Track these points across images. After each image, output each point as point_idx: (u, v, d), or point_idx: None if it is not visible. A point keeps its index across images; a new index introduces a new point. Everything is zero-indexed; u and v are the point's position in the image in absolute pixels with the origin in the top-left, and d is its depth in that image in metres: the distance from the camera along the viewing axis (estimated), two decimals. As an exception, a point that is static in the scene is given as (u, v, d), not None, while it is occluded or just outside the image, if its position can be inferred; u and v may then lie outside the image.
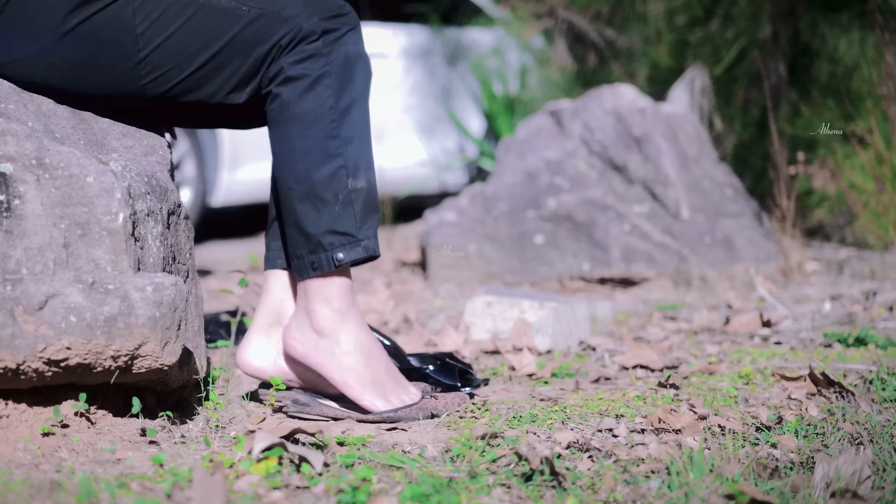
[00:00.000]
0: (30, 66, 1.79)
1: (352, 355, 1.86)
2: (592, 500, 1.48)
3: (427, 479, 1.50)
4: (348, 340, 1.86)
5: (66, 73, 1.79)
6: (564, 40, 5.51)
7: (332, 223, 1.82)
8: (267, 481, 1.49)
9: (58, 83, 1.80)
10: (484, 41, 6.37)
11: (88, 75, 1.80)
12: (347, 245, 1.83)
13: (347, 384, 1.85)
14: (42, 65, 1.78)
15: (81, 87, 1.81)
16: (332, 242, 1.83)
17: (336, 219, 1.82)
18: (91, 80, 1.80)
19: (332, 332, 1.86)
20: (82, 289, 1.61)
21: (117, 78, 1.80)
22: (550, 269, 3.57)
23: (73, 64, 1.78)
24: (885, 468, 1.62)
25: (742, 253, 3.58)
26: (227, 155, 5.06)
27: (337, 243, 1.83)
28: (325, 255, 1.83)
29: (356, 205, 1.83)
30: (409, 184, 5.85)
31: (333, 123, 1.81)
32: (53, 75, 1.79)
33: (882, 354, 2.32)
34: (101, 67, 1.79)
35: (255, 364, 1.95)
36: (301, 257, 1.85)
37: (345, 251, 1.83)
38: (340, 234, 1.82)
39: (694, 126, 3.89)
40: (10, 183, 1.62)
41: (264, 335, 1.96)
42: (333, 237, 1.82)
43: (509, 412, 1.92)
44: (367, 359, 1.87)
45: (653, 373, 2.27)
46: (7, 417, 1.67)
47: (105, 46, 1.77)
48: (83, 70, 1.79)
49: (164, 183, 1.83)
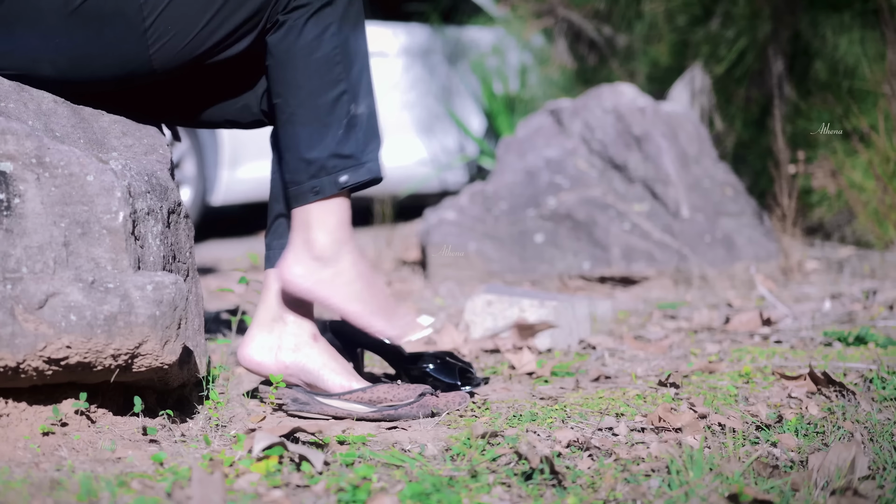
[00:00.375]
0: (37, 52, 1.79)
1: (356, 283, 1.88)
2: (592, 498, 1.48)
3: (427, 477, 1.50)
4: (351, 269, 1.88)
5: (72, 56, 1.79)
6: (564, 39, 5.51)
7: (335, 146, 1.83)
8: (267, 480, 1.49)
9: (65, 68, 1.80)
10: (484, 40, 6.37)
11: (95, 54, 1.79)
12: (351, 168, 1.84)
13: (357, 313, 1.89)
14: (49, 48, 1.78)
15: (88, 71, 1.81)
16: (336, 165, 1.84)
17: (340, 142, 1.83)
18: (98, 59, 1.80)
19: (334, 262, 1.87)
20: (82, 287, 1.61)
21: (124, 53, 1.80)
22: (551, 268, 3.57)
23: (79, 45, 1.78)
24: (884, 467, 1.62)
25: (742, 252, 3.58)
26: (227, 154, 5.06)
27: (340, 166, 1.84)
28: (327, 178, 1.84)
29: (358, 129, 1.84)
30: (409, 183, 5.85)
31: (336, 50, 1.83)
32: (60, 60, 1.79)
33: (882, 353, 2.32)
34: (107, 44, 1.78)
35: (256, 359, 1.95)
36: (300, 183, 1.85)
37: (349, 173, 1.84)
38: (344, 157, 1.83)
39: (694, 125, 3.89)
40: (10, 181, 1.62)
41: (266, 331, 1.96)
42: (337, 160, 1.83)
43: (509, 411, 1.92)
44: (370, 286, 1.90)
45: (653, 371, 2.27)
46: (7, 416, 1.67)
47: (110, 20, 1.77)
48: (89, 49, 1.78)
49: (164, 181, 1.83)
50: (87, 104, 1.87)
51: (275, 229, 1.98)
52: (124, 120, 1.88)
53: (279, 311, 1.96)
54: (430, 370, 2.08)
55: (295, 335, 1.95)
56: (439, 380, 2.07)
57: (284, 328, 1.95)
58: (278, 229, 1.98)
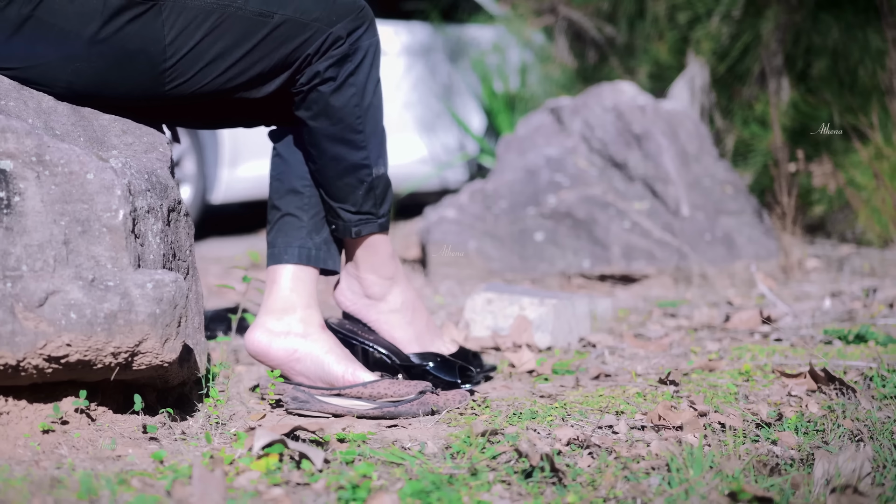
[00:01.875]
0: (55, 71, 1.80)
1: (398, 313, 2.11)
2: (593, 496, 1.48)
3: (427, 475, 1.50)
4: (395, 300, 2.11)
5: (89, 80, 1.82)
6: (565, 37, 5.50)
7: (359, 204, 2.02)
8: (267, 478, 1.49)
9: (79, 88, 1.82)
10: (484, 38, 6.36)
11: (113, 81, 1.83)
12: (366, 222, 2.04)
13: (395, 339, 2.11)
14: (67, 70, 1.80)
15: (104, 92, 1.84)
16: (357, 219, 2.03)
17: (360, 201, 2.01)
18: (115, 85, 1.83)
19: (381, 297, 2.10)
20: (82, 286, 1.61)
21: (141, 84, 1.84)
22: (551, 267, 3.57)
23: (99, 72, 1.81)
24: (885, 465, 1.62)
25: (742, 250, 3.58)
26: (227, 152, 5.06)
27: (359, 220, 2.03)
28: (344, 226, 2.03)
29: (377, 189, 2.02)
30: (409, 181, 5.85)
31: (359, 120, 1.97)
32: (77, 82, 1.82)
33: (882, 351, 2.32)
34: (126, 75, 1.83)
35: (263, 343, 2.00)
36: (336, 226, 2.05)
37: (364, 227, 2.04)
38: (363, 214, 2.02)
39: (694, 123, 3.88)
40: (10, 180, 1.62)
41: (275, 318, 2.01)
42: (358, 216, 2.03)
43: (509, 409, 1.92)
44: (412, 315, 2.13)
45: (653, 369, 2.27)
46: (7, 414, 1.67)
47: (133, 55, 1.81)
48: (108, 76, 1.82)
49: (165, 180, 1.83)
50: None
51: (280, 227, 2.04)
52: (124, 118, 1.88)
53: (288, 301, 2.01)
54: (430, 368, 2.08)
55: (304, 322, 2.00)
56: (439, 378, 2.07)
57: (294, 315, 2.00)
58: (283, 227, 2.04)
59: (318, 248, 2.04)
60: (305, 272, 2.03)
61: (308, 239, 2.03)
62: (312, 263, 2.03)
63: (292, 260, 2.02)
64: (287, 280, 2.02)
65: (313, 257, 2.03)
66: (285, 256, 2.03)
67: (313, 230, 2.04)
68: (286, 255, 2.03)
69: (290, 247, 2.03)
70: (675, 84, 4.75)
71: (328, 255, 2.05)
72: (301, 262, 2.02)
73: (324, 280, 2.36)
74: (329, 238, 2.05)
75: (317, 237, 2.04)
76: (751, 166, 4.57)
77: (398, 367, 2.09)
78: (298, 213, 2.03)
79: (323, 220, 2.05)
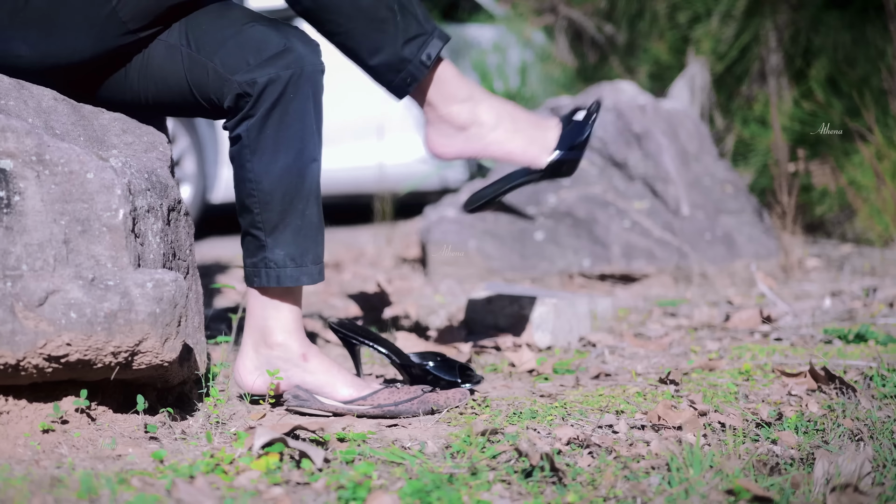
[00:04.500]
0: (4, 33, 1.79)
1: (500, 128, 1.97)
2: (593, 496, 1.48)
3: (427, 475, 1.50)
4: (488, 116, 1.96)
5: (41, 27, 1.78)
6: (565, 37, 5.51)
7: (405, 31, 1.88)
8: (267, 477, 1.49)
9: (37, 42, 1.79)
10: (485, 38, 6.37)
11: (63, 22, 1.79)
12: (425, 44, 1.89)
13: (512, 154, 1.98)
14: (16, 24, 1.78)
15: (61, 42, 1.80)
16: (416, 48, 1.89)
17: (403, 28, 1.87)
18: (68, 26, 1.79)
19: (472, 120, 1.96)
20: (82, 285, 1.61)
21: (90, 15, 1.79)
22: (551, 266, 3.57)
23: (45, 14, 1.78)
24: (885, 464, 1.62)
25: (742, 249, 3.58)
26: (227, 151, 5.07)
27: (419, 46, 1.89)
28: (411, 66, 1.89)
29: (410, 5, 1.88)
30: (409, 180, 5.84)
31: None
32: (30, 35, 1.79)
33: (882, 351, 2.32)
34: (74, 9, 1.78)
35: (248, 382, 1.92)
36: (403, 72, 1.90)
37: (429, 48, 1.90)
38: (416, 37, 1.88)
39: (694, 122, 3.88)
40: (10, 179, 1.62)
41: (253, 351, 1.91)
42: (413, 42, 1.89)
43: (509, 408, 1.92)
44: (513, 122, 1.98)
45: (653, 369, 2.27)
46: (7, 414, 1.67)
47: None
48: (56, 17, 1.78)
49: (165, 179, 1.83)
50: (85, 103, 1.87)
51: (245, 246, 1.91)
52: (124, 118, 1.88)
53: (261, 334, 1.91)
54: (430, 367, 2.08)
55: (282, 359, 1.91)
56: (440, 377, 2.07)
57: (270, 352, 1.90)
58: (248, 246, 1.90)
59: (284, 265, 1.87)
60: (277, 294, 1.89)
61: (271, 254, 1.87)
62: (283, 283, 1.87)
63: (261, 283, 1.88)
64: (258, 307, 1.90)
65: (284, 276, 1.87)
66: (255, 279, 1.89)
67: (274, 245, 1.87)
68: (256, 277, 1.88)
69: (257, 268, 1.89)
70: (675, 83, 4.75)
71: (301, 272, 1.88)
72: (271, 284, 1.88)
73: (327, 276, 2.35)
74: (301, 241, 1.87)
75: (279, 251, 1.87)
76: (751, 166, 4.58)
77: (398, 367, 2.09)
78: (255, 233, 1.88)
79: (284, 226, 1.86)
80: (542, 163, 1.99)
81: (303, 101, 1.83)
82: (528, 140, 1.98)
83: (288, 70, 1.80)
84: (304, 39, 1.85)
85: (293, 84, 1.81)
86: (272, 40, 1.82)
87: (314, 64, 1.83)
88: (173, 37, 1.86)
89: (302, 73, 1.81)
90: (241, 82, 1.80)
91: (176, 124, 4.99)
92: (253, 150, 1.85)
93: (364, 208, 5.15)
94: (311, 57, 1.83)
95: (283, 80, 1.80)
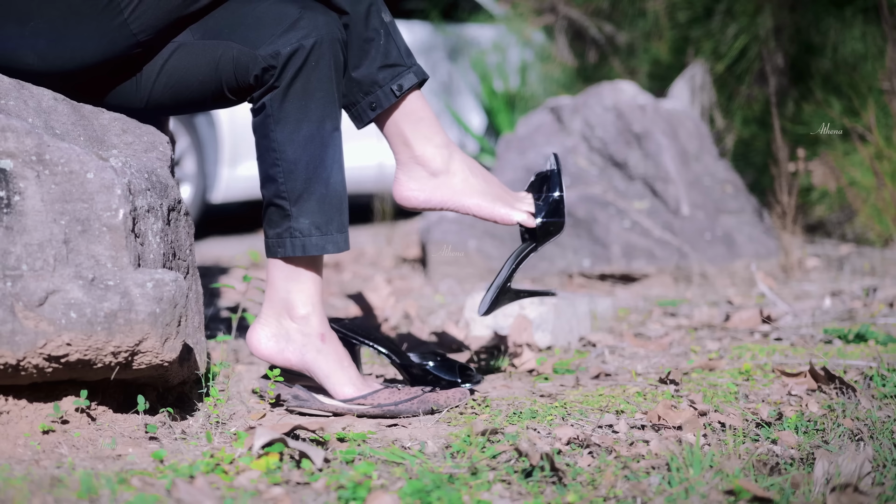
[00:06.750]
0: (13, 42, 1.79)
1: (469, 179, 1.97)
2: (593, 495, 1.48)
3: (427, 474, 1.50)
4: (461, 167, 1.97)
5: (50, 37, 1.80)
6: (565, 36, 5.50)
7: (387, 56, 1.90)
8: (267, 477, 1.49)
9: (45, 51, 1.80)
10: (485, 37, 6.37)
11: (73, 34, 1.80)
12: (401, 74, 1.91)
13: (480, 206, 1.97)
14: (26, 33, 1.79)
15: (69, 52, 1.82)
16: (392, 74, 1.91)
17: (385, 52, 1.90)
18: (77, 37, 1.80)
19: (445, 168, 1.96)
20: (82, 285, 1.61)
21: (101, 25, 1.81)
22: (551, 266, 3.57)
23: (55, 25, 1.79)
24: (885, 464, 1.62)
25: (742, 249, 3.58)
26: (227, 151, 5.06)
27: (394, 75, 1.91)
28: (380, 91, 1.91)
29: (396, 36, 1.91)
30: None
31: None
32: (39, 44, 1.80)
33: (882, 350, 2.32)
34: (83, 19, 1.80)
35: (263, 349, 1.93)
36: (375, 99, 1.91)
37: (402, 79, 1.91)
38: (393, 66, 1.90)
39: (694, 122, 3.88)
40: (10, 179, 1.62)
41: (274, 319, 1.93)
42: (390, 69, 1.90)
43: (509, 408, 1.92)
44: (483, 178, 1.98)
45: (653, 369, 2.27)
46: (7, 413, 1.67)
47: None
48: (66, 29, 1.79)
49: (165, 179, 1.83)
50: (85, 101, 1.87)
51: (268, 217, 1.92)
52: (124, 118, 1.88)
53: (284, 306, 1.92)
54: (430, 367, 2.08)
55: (302, 333, 1.92)
56: (440, 377, 2.07)
57: (291, 324, 1.92)
58: (271, 217, 1.92)
59: (310, 234, 1.88)
60: (302, 263, 1.91)
61: (296, 223, 1.88)
62: (308, 252, 1.88)
63: (286, 254, 1.89)
64: (281, 279, 1.91)
65: (310, 245, 1.88)
66: (280, 250, 1.89)
67: (299, 214, 1.88)
68: (280, 248, 1.89)
69: (282, 238, 1.90)
70: (675, 83, 4.75)
71: (326, 240, 1.89)
72: (296, 253, 1.89)
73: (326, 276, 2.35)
74: (326, 209, 1.89)
75: (304, 220, 1.88)
76: (751, 166, 4.58)
77: (398, 367, 2.09)
78: (280, 202, 1.89)
79: (309, 197, 1.88)
80: (514, 220, 1.98)
81: (325, 69, 1.85)
82: (495, 197, 1.97)
83: (310, 38, 1.83)
84: (320, 9, 1.87)
85: (315, 52, 1.84)
86: (289, 11, 1.85)
87: (333, 32, 1.86)
88: (183, 36, 1.87)
89: (323, 42, 1.84)
90: (265, 55, 1.83)
91: (176, 124, 4.99)
92: (277, 120, 1.87)
93: (364, 208, 5.14)
94: (331, 25, 1.86)
95: (305, 48, 1.83)
